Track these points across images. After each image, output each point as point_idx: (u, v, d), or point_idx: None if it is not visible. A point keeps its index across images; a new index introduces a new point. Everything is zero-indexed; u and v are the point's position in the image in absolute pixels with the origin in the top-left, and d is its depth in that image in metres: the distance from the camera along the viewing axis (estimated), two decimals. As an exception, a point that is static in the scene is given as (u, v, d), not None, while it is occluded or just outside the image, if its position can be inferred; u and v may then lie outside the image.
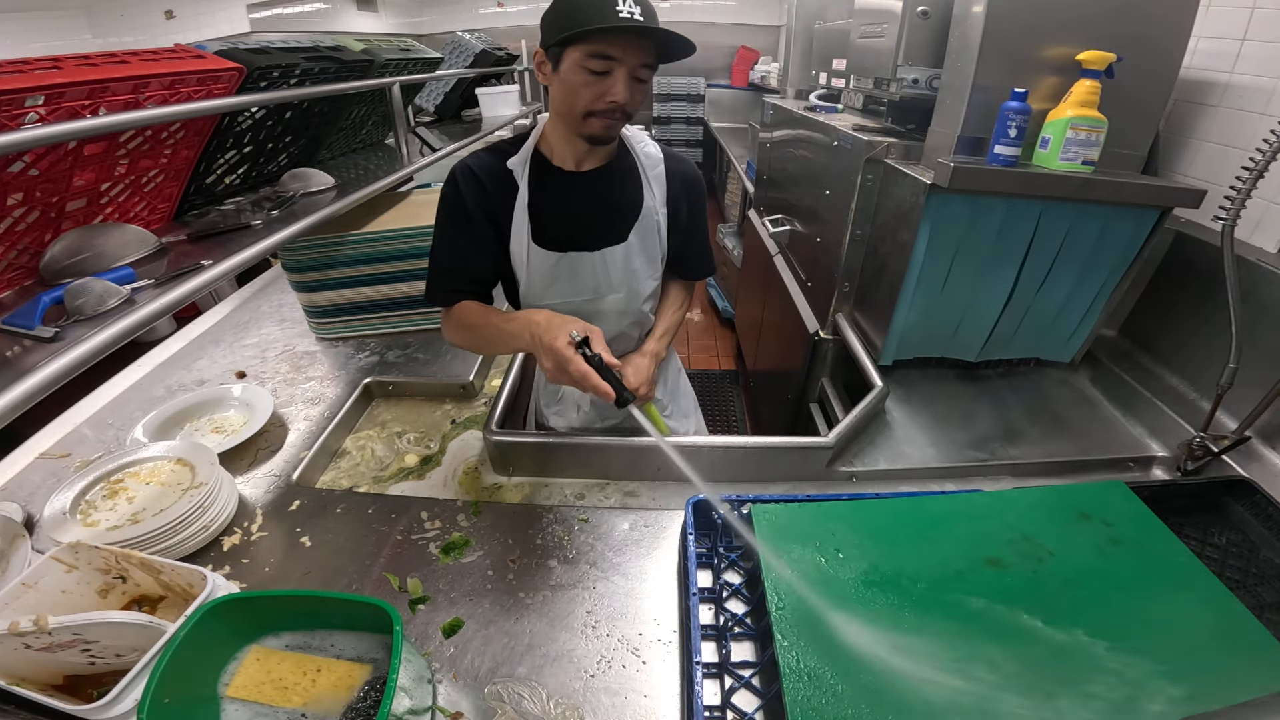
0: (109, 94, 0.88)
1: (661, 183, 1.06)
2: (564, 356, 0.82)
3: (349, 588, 0.87)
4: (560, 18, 0.85)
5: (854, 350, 1.37)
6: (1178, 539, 0.83)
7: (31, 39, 3.01)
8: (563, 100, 0.91)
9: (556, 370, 0.84)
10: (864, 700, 0.64)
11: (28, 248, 0.93)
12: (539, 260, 1.01)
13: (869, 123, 1.53)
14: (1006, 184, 1.06)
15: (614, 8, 0.80)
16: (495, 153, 1.01)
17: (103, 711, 0.61)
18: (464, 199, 0.98)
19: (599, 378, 0.82)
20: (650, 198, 1.05)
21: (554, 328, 0.85)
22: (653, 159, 1.06)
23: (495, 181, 0.99)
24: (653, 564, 0.90)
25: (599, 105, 0.88)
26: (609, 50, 0.84)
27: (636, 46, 0.85)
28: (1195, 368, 1.20)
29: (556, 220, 1.00)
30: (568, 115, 0.92)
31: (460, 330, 1.03)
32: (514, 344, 0.93)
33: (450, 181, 1.00)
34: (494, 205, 0.99)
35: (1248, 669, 0.67)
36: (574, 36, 0.83)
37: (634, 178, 1.05)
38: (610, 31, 0.82)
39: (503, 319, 0.95)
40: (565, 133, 0.97)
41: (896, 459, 1.12)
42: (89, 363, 0.67)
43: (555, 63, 0.89)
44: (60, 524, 0.89)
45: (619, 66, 0.85)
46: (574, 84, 0.87)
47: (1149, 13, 1.03)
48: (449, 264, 1.02)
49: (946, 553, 0.81)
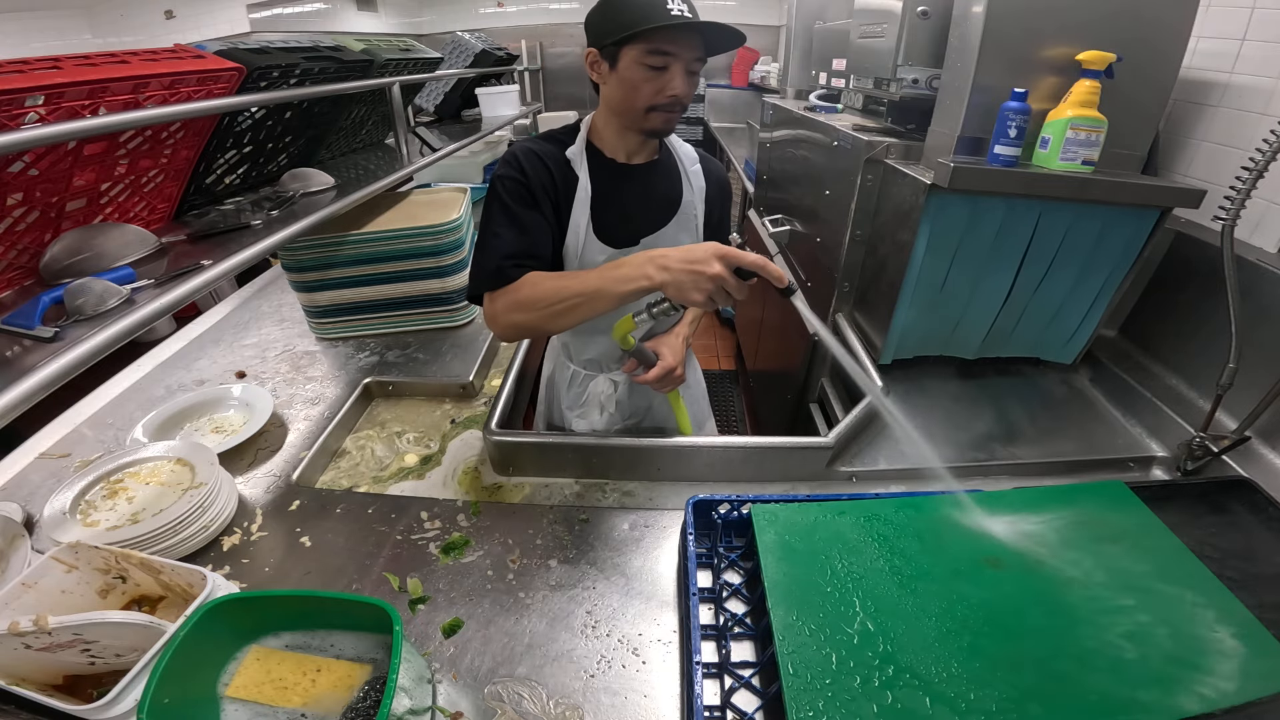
0: (109, 94, 0.88)
1: (700, 179, 1.12)
2: (737, 251, 0.78)
3: (349, 588, 0.87)
4: (612, 19, 0.89)
5: (854, 350, 1.37)
6: (1178, 539, 0.83)
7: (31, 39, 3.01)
8: (622, 97, 0.95)
9: (726, 271, 0.78)
10: (864, 700, 0.64)
11: (28, 248, 0.93)
12: (594, 252, 1.03)
13: (869, 123, 1.53)
14: (1006, 184, 1.06)
15: (665, 6, 0.85)
16: (552, 141, 1.03)
17: (103, 711, 0.61)
18: (530, 180, 0.97)
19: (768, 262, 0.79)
20: (689, 192, 1.10)
21: (697, 245, 0.81)
22: (690, 156, 1.13)
23: (559, 168, 1.00)
24: (653, 564, 0.90)
25: (660, 100, 0.92)
26: (666, 46, 0.88)
27: (690, 41, 0.90)
28: (1195, 368, 1.20)
29: (612, 211, 1.03)
30: (627, 111, 0.96)
31: (532, 302, 0.92)
32: (625, 288, 0.84)
33: (511, 164, 0.98)
34: (558, 191, 1.00)
35: (1248, 669, 0.67)
36: (632, 36, 0.87)
37: (676, 172, 1.10)
38: (666, 29, 0.86)
39: (603, 268, 0.87)
40: (619, 128, 1.00)
41: (896, 459, 1.12)
42: (89, 363, 0.67)
43: (611, 62, 0.93)
44: (60, 524, 0.89)
45: (675, 61, 0.90)
46: (634, 80, 0.91)
47: (1149, 13, 1.03)
48: (516, 242, 0.95)
49: (946, 553, 0.81)
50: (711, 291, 0.79)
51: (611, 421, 1.25)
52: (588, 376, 1.25)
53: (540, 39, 4.19)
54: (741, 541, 0.91)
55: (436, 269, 1.51)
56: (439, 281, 1.53)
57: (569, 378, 1.28)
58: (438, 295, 1.55)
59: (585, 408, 1.26)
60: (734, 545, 0.91)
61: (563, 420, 1.30)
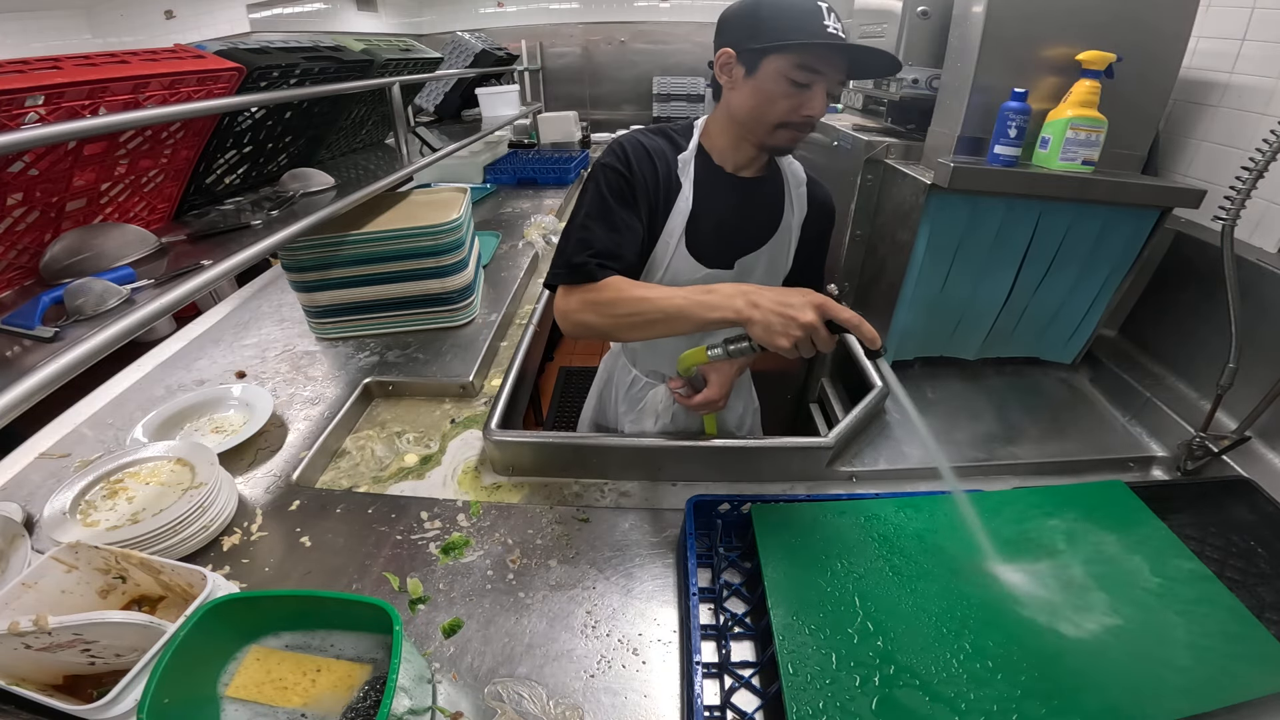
0: (109, 94, 0.88)
1: (804, 202, 1.07)
2: (835, 305, 0.74)
3: (349, 588, 0.87)
4: (765, 24, 0.84)
5: (854, 350, 1.37)
6: (1178, 539, 0.83)
7: (31, 39, 3.01)
8: (753, 108, 0.90)
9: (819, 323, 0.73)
10: (863, 699, 0.64)
11: (28, 248, 0.93)
12: (681, 265, 0.99)
13: (869, 123, 1.53)
14: (1006, 184, 1.06)
15: (821, 22, 0.81)
16: (665, 137, 0.98)
17: (103, 711, 0.61)
18: (635, 177, 0.92)
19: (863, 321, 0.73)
20: (789, 214, 1.05)
21: (793, 290, 0.77)
22: (798, 177, 1.07)
23: (666, 169, 0.96)
24: (653, 563, 0.90)
25: (794, 118, 0.88)
26: (817, 64, 0.84)
27: (839, 63, 0.86)
28: (1195, 368, 1.20)
29: (708, 224, 0.98)
30: (754, 122, 0.91)
31: (609, 306, 0.88)
32: (710, 315, 0.80)
33: (618, 154, 0.93)
34: (659, 194, 0.96)
35: (1248, 669, 0.67)
36: (784, 47, 0.83)
37: (781, 192, 1.05)
38: (822, 47, 0.82)
39: (692, 290, 0.83)
40: (737, 137, 0.96)
41: (896, 459, 1.12)
42: (89, 363, 0.67)
43: (749, 67, 0.87)
44: (60, 524, 0.89)
45: (820, 81, 0.86)
46: (772, 94, 0.87)
47: (1149, 13, 1.03)
48: (605, 240, 0.91)
49: (946, 553, 0.81)
50: (799, 339, 0.74)
51: (664, 427, 1.23)
52: (648, 385, 1.25)
53: (540, 39, 4.18)
54: (741, 541, 0.91)
55: (436, 269, 1.51)
56: (439, 281, 1.53)
57: (629, 381, 1.27)
58: (438, 295, 1.55)
59: (640, 414, 1.25)
60: (734, 545, 0.91)
61: (615, 421, 1.29)
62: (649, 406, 1.24)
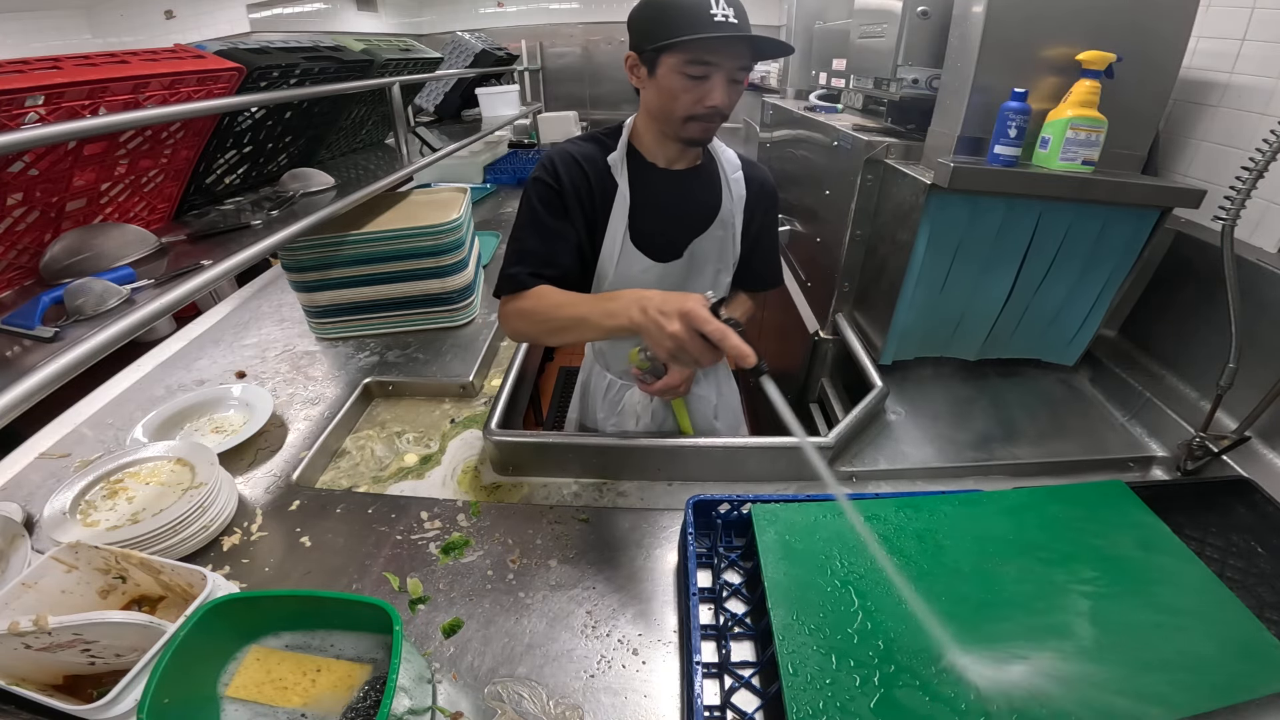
0: (109, 94, 0.88)
1: (741, 187, 1.08)
2: (701, 316, 0.71)
3: (349, 588, 0.87)
4: (653, 23, 0.85)
5: (854, 350, 1.37)
6: (1178, 539, 0.83)
7: (31, 39, 3.01)
8: (660, 105, 0.91)
9: (686, 334, 0.71)
10: (863, 699, 0.63)
11: (28, 248, 0.93)
12: (631, 261, 1.01)
13: (869, 123, 1.53)
14: (1006, 184, 1.06)
15: (708, 12, 0.81)
16: (594, 143, 1.00)
17: (103, 711, 0.61)
18: (564, 187, 0.95)
19: (739, 337, 0.70)
20: (728, 201, 1.06)
21: (678, 296, 0.75)
22: (732, 164, 1.08)
23: (597, 173, 0.97)
24: (653, 564, 0.90)
25: (698, 109, 0.89)
26: (706, 56, 0.84)
27: (733, 50, 0.85)
28: (1195, 368, 1.20)
29: (650, 219, 1.00)
30: (665, 119, 0.93)
31: (531, 314, 0.93)
32: (608, 323, 0.81)
33: (547, 167, 0.96)
34: (594, 198, 0.98)
35: (1248, 669, 0.67)
36: (673, 45, 0.83)
37: (716, 179, 1.06)
38: (708, 39, 0.82)
39: (597, 298, 0.86)
40: (658, 133, 0.97)
41: (896, 459, 1.12)
42: (89, 363, 0.67)
43: (650, 67, 0.89)
44: (60, 524, 0.89)
45: (717, 71, 0.86)
46: (672, 89, 0.88)
47: (1149, 13, 1.03)
48: (537, 250, 0.96)
49: (946, 553, 0.81)
50: (672, 350, 0.72)
51: (646, 429, 1.26)
52: (624, 387, 1.26)
53: (540, 39, 4.18)
54: (741, 541, 0.91)
55: (436, 269, 1.51)
56: (439, 281, 1.53)
57: (605, 386, 1.28)
58: (438, 295, 1.55)
59: (621, 416, 1.26)
60: (734, 545, 0.91)
61: (596, 425, 1.31)
62: (628, 408, 1.25)
